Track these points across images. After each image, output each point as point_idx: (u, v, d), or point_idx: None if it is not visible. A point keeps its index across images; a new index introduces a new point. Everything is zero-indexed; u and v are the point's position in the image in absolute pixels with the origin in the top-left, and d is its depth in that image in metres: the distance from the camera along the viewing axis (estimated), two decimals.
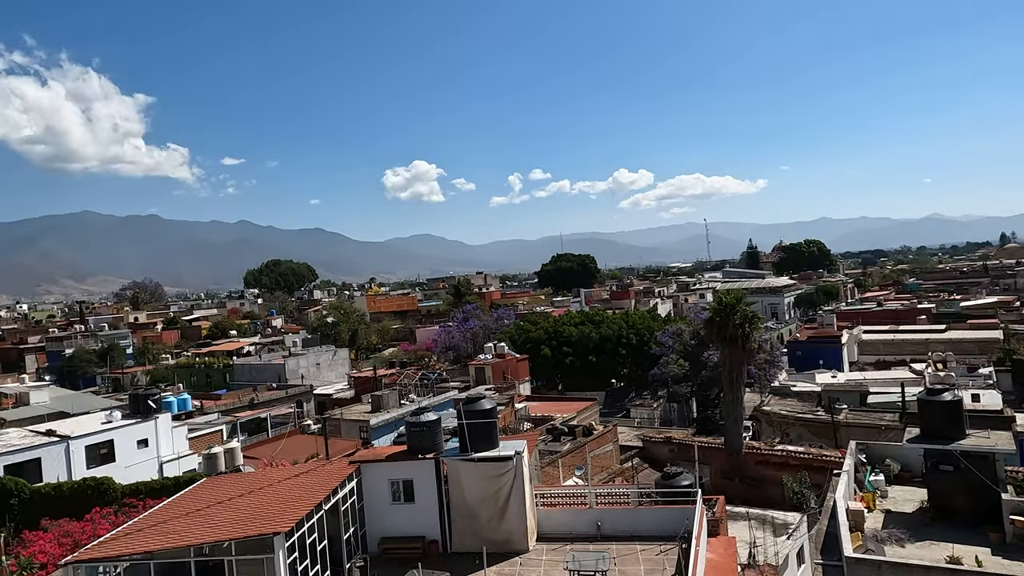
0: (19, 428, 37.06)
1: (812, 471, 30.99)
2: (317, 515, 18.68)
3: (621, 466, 36.67)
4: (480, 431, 21.05)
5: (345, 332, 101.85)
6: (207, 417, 47.53)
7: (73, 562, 17.46)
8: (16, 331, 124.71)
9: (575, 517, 21.67)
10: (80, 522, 25.09)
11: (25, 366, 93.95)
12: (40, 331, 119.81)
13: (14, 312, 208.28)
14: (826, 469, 28.44)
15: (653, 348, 61.38)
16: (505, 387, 51.46)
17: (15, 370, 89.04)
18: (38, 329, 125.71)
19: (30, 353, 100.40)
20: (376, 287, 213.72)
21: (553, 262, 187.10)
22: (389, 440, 37.86)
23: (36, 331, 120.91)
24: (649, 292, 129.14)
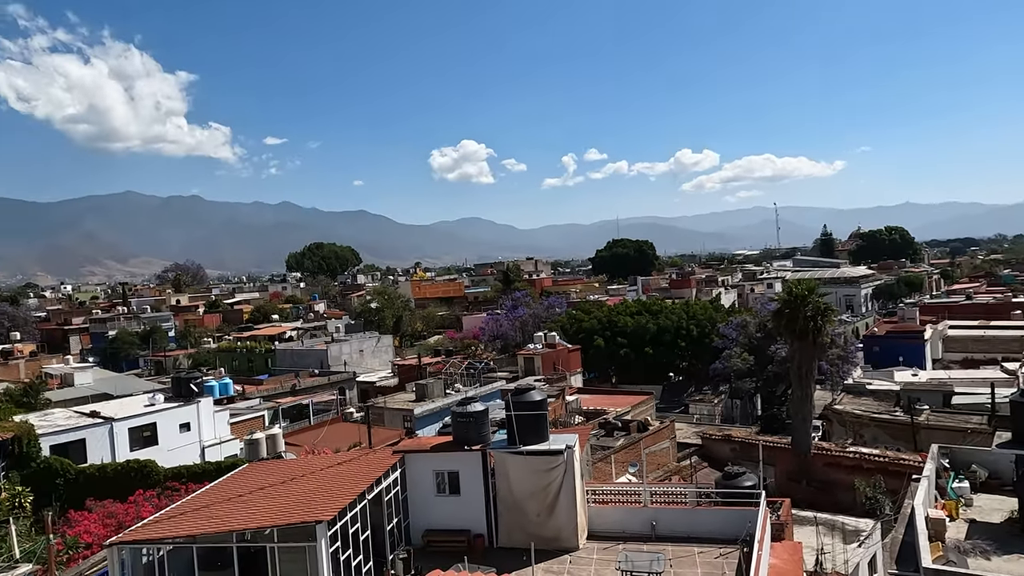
0: (64, 409, 39.10)
1: (888, 476, 30.36)
2: (360, 505, 19.16)
3: (678, 464, 36.46)
4: (529, 423, 21.20)
5: (389, 318, 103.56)
6: (249, 402, 49.19)
7: (118, 543, 18.36)
8: (61, 312, 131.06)
9: (628, 516, 21.69)
10: (124, 503, 26.45)
11: (70, 347, 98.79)
12: (84, 312, 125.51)
13: (58, 293, 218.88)
14: (903, 474, 27.87)
15: (715, 340, 60.71)
16: (556, 378, 51.59)
17: (60, 351, 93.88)
18: (82, 310, 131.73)
19: (74, 334, 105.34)
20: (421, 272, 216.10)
21: (608, 248, 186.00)
22: (434, 430, 38.52)
23: (80, 312, 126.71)
24: (712, 281, 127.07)
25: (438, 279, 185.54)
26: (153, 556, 18.69)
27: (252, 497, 19.98)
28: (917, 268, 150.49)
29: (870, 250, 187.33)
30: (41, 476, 28.53)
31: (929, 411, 38.93)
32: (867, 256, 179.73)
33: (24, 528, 23.98)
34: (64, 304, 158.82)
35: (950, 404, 40.85)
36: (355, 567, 18.57)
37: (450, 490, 21.70)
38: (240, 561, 17.75)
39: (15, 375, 70.55)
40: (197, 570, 17.93)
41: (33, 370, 72.38)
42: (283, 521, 17.57)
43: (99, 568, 21.51)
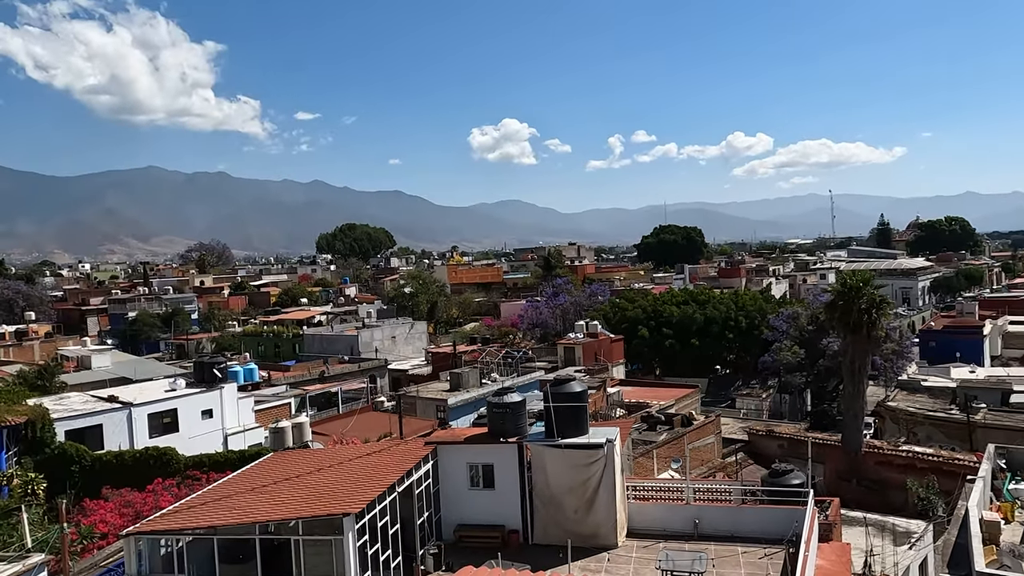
0: (81, 393, 39.95)
1: (941, 476, 30.41)
2: (390, 497, 19.37)
3: (723, 460, 36.33)
4: (569, 416, 21.22)
5: (423, 304, 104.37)
6: (274, 389, 50.03)
7: (135, 533, 18.68)
8: (78, 291, 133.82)
9: (670, 513, 21.68)
10: (142, 492, 26.94)
11: (87, 328, 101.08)
12: (103, 292, 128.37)
13: (76, 272, 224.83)
14: (958, 474, 28.03)
15: (764, 333, 60.45)
16: (597, 369, 51.60)
17: (77, 332, 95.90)
18: (101, 290, 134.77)
19: (92, 315, 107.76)
20: (458, 256, 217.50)
21: (655, 234, 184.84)
22: (468, 421, 38.79)
23: (99, 292, 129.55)
24: (762, 270, 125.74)
25: (475, 264, 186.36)
26: (172, 547, 19.05)
27: (276, 488, 20.34)
28: (977, 261, 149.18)
29: (929, 241, 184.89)
30: (55, 462, 29.10)
31: (986, 410, 38.78)
32: (925, 247, 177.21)
33: (37, 516, 24.56)
34: (82, 283, 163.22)
35: (1008, 403, 40.56)
36: (383, 562, 18.81)
37: (484, 484, 21.86)
38: (263, 554, 18.05)
39: (29, 357, 72.42)
40: (218, 563, 18.26)
41: (48, 352, 74.46)
42: (308, 513, 17.85)
43: (115, 559, 22.04)
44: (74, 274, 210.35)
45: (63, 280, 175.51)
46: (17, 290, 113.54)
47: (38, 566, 17.29)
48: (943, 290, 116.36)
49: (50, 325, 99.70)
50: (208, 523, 18.41)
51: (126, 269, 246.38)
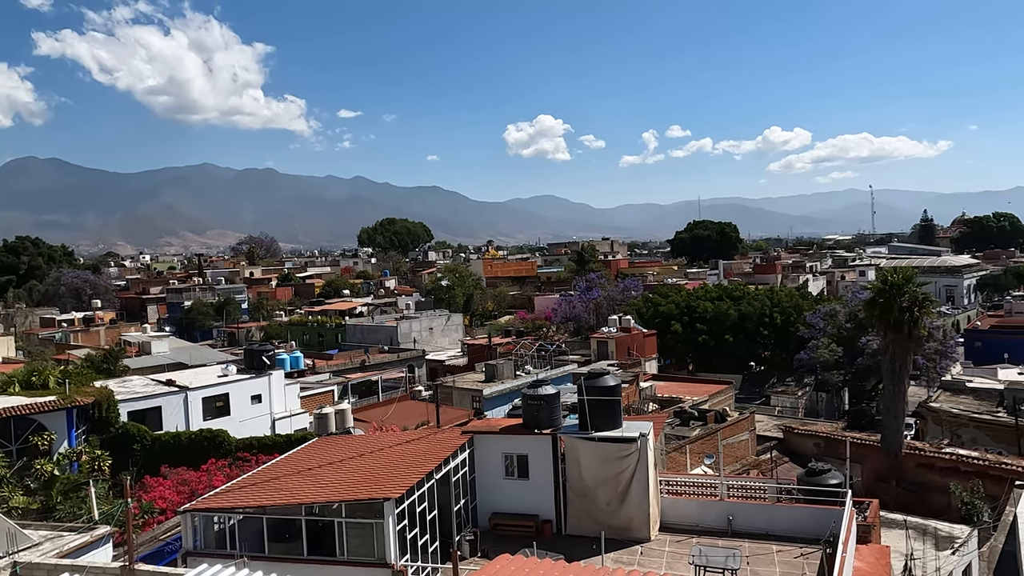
0: (142, 376, 41.12)
1: (987, 480, 29.21)
2: (428, 484, 19.55)
3: (757, 458, 35.78)
4: (602, 409, 21.12)
5: (460, 296, 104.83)
6: (318, 376, 50.77)
7: (191, 510, 19.39)
8: (139, 281, 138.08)
9: (703, 509, 21.44)
10: (196, 472, 27.73)
11: (147, 316, 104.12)
12: (161, 282, 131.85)
13: (137, 262, 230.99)
14: (1005, 479, 27.03)
15: (801, 330, 59.38)
16: (630, 364, 51.22)
17: (138, 319, 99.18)
18: (159, 280, 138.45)
19: (152, 303, 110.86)
20: (493, 250, 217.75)
21: (689, 229, 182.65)
22: (502, 412, 38.84)
23: (157, 282, 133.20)
24: (799, 267, 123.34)
25: (510, 258, 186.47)
26: (224, 524, 19.60)
27: (321, 471, 20.67)
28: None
29: (975, 238, 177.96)
30: (119, 441, 30.00)
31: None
32: (972, 244, 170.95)
33: (103, 491, 25.45)
34: (143, 274, 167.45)
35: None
36: (421, 546, 18.99)
37: (519, 474, 21.89)
38: (308, 534, 18.42)
39: (96, 342, 74.92)
40: (267, 540, 18.71)
41: (113, 337, 76.78)
42: (351, 496, 18.12)
43: (173, 533, 22.70)
44: (135, 265, 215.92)
45: (126, 270, 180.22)
46: (85, 279, 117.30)
47: (104, 537, 17.91)
48: (990, 289, 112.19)
49: (114, 312, 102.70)
50: (258, 503, 18.89)
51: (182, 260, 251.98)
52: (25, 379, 32.77)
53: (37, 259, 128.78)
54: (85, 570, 13.52)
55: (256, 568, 12.90)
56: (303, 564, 17.70)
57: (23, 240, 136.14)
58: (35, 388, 31.45)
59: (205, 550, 19.00)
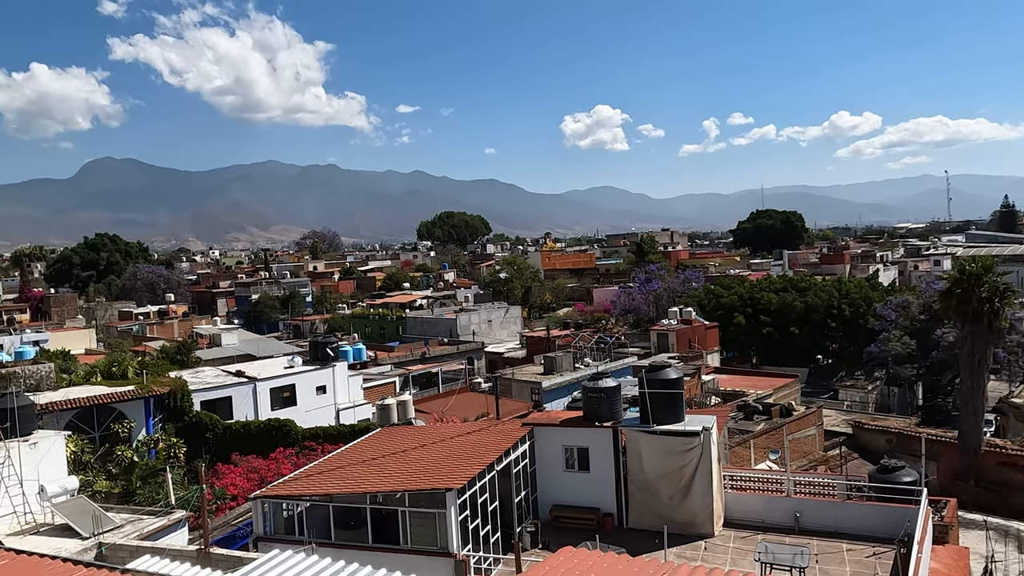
0: (213, 368, 42.64)
1: None
2: (489, 475, 19.70)
3: (825, 453, 34.87)
4: (664, 402, 20.89)
5: (518, 289, 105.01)
6: (380, 368, 51.70)
7: (261, 497, 20.04)
8: (209, 275, 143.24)
9: (769, 505, 20.99)
10: (265, 460, 28.64)
11: (217, 309, 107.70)
12: (230, 276, 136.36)
13: (207, 257, 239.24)
14: None
15: (871, 322, 57.60)
16: (691, 356, 50.53)
17: (208, 312, 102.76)
18: (228, 274, 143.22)
19: (221, 297, 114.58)
20: (551, 242, 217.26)
21: (752, 219, 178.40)
22: (561, 404, 38.86)
23: (226, 276, 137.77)
24: (869, 256, 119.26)
25: (568, 250, 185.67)
26: (293, 511, 20.17)
27: (384, 461, 21.05)
28: None
29: None
30: (193, 429, 31.21)
31: None
32: None
33: (178, 477, 26.58)
34: (212, 268, 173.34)
35: None
36: (483, 536, 19.16)
37: (579, 466, 21.86)
38: (373, 522, 18.80)
39: (170, 334, 78.01)
40: (333, 527, 19.18)
41: (186, 330, 79.78)
42: (414, 486, 18.40)
43: (244, 519, 23.51)
44: (205, 260, 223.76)
45: (196, 265, 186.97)
46: (159, 274, 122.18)
47: (180, 521, 18.72)
48: None
49: (186, 306, 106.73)
50: (324, 491, 19.37)
51: (249, 255, 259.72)
52: (106, 369, 34.41)
53: (115, 255, 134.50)
54: (164, 552, 14.08)
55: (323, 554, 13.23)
56: (368, 552, 18.04)
57: (102, 237, 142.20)
58: (115, 378, 32.99)
59: (275, 535, 19.60)
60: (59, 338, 62.85)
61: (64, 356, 43.18)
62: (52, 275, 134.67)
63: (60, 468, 20.28)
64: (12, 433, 19.57)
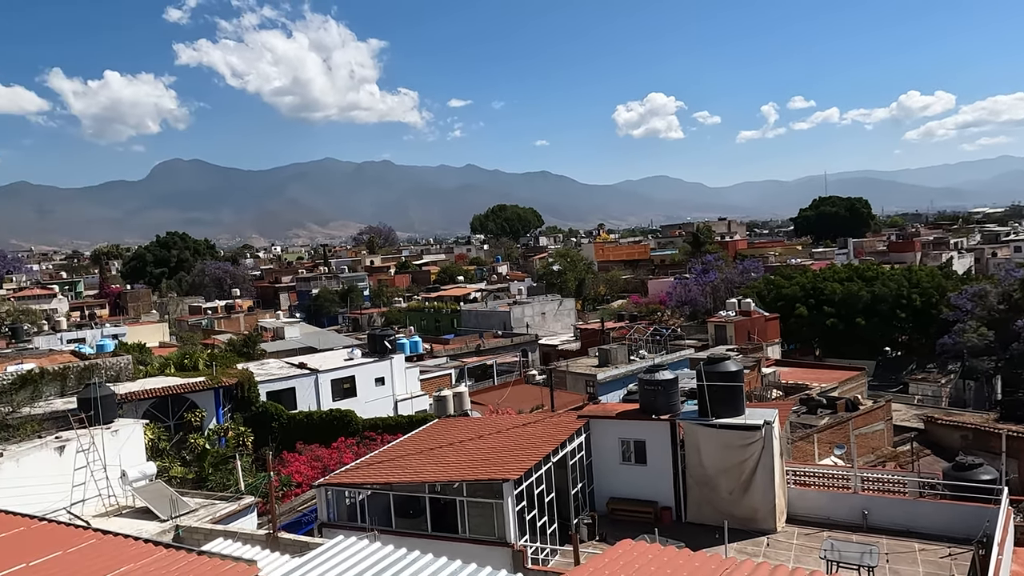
0: (277, 360, 43.88)
1: None
2: (546, 467, 19.75)
3: (894, 449, 33.74)
4: (723, 395, 20.54)
5: (571, 281, 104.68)
6: (436, 360, 52.24)
7: (325, 484, 20.55)
8: (272, 271, 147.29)
9: (834, 501, 20.46)
10: (327, 449, 29.37)
11: (279, 303, 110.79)
12: (291, 271, 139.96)
13: (270, 254, 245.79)
14: None
15: (944, 312, 55.59)
16: (750, 349, 49.55)
17: (272, 306, 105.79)
18: (289, 269, 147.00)
19: (283, 292, 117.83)
20: (605, 234, 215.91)
21: (814, 207, 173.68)
22: (616, 397, 38.58)
23: (288, 271, 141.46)
24: (941, 243, 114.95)
25: (622, 241, 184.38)
26: (354, 499, 20.63)
27: (442, 451, 21.30)
28: None
29: None
30: (259, 419, 32.25)
31: None
32: None
33: (246, 464, 27.51)
34: (274, 264, 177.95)
35: None
36: (540, 528, 19.22)
37: (636, 459, 21.71)
38: (431, 511, 19.07)
39: (236, 327, 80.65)
40: (393, 515, 19.53)
41: (251, 323, 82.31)
42: (471, 477, 18.57)
43: (308, 505, 24.16)
44: (268, 256, 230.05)
45: (260, 261, 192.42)
46: (226, 270, 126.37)
47: (250, 507, 19.42)
48: None
49: (251, 300, 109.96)
50: (385, 480, 19.75)
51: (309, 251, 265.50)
52: (179, 361, 35.88)
53: (185, 253, 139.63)
54: (236, 536, 14.58)
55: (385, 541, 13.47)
56: (427, 540, 18.30)
57: (173, 236, 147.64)
58: (187, 370, 34.35)
59: (338, 522, 20.08)
60: (135, 332, 65.91)
61: (140, 349, 45.00)
62: (128, 272, 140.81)
63: (139, 454, 21.43)
64: (96, 421, 20.73)
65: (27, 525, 12.39)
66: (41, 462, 19.05)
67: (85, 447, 19.57)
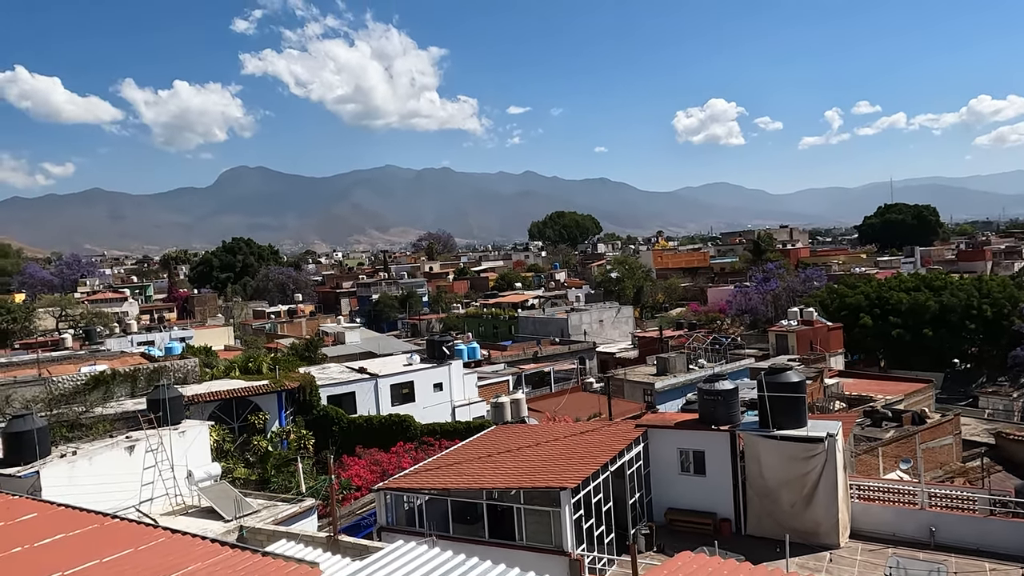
0: (338, 364, 44.73)
1: None
2: (603, 475, 19.65)
3: (963, 465, 32.42)
4: (785, 406, 20.13)
5: (629, 289, 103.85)
6: (494, 367, 52.52)
7: (384, 488, 20.86)
8: (334, 276, 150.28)
9: (900, 517, 19.82)
10: (386, 453, 29.75)
11: (340, 308, 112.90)
12: (352, 277, 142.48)
13: (332, 259, 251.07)
14: None
15: (1016, 323, 53.35)
16: (813, 359, 48.29)
17: (333, 311, 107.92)
18: (350, 275, 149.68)
19: (344, 297, 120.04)
20: (663, 241, 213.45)
21: (879, 214, 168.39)
22: (675, 406, 38.14)
23: (349, 277, 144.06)
24: (1014, 252, 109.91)
25: (681, 248, 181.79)
26: (413, 503, 20.88)
27: (500, 458, 21.39)
28: None
29: None
30: (320, 422, 32.82)
31: None
32: None
33: (307, 467, 28.07)
34: (336, 269, 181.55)
35: None
36: (597, 536, 19.14)
37: (695, 470, 21.44)
38: (489, 517, 19.17)
39: (299, 332, 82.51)
40: (451, 521, 19.70)
41: (313, 328, 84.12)
42: (529, 484, 18.60)
43: (367, 509, 24.56)
44: (330, 261, 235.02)
45: (322, 267, 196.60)
46: (289, 275, 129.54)
47: (311, 509, 19.83)
48: None
49: (313, 305, 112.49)
50: (443, 485, 19.92)
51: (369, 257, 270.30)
52: (243, 365, 36.82)
53: (250, 258, 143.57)
54: (298, 537, 14.92)
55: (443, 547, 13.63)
56: (485, 546, 18.40)
57: (238, 241, 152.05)
58: (251, 373, 35.22)
59: (396, 526, 20.36)
60: (202, 335, 67.71)
61: (206, 352, 46.39)
62: (195, 277, 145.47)
63: (205, 455, 21.94)
64: (164, 422, 21.39)
65: (100, 522, 12.73)
66: (112, 461, 19.58)
67: (154, 447, 20.11)
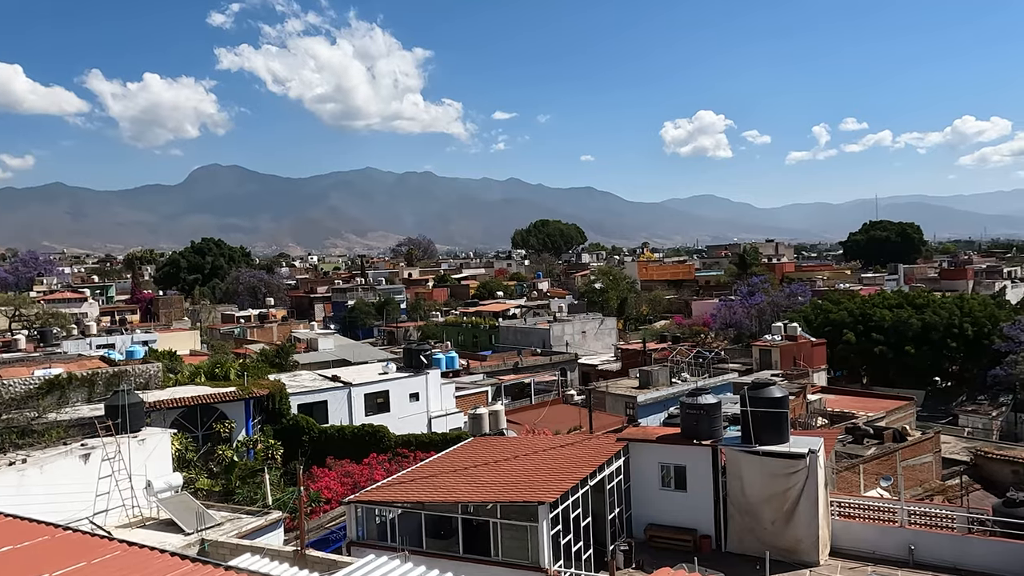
0: (310, 371, 44.18)
1: None
2: (582, 490, 19.61)
3: (943, 483, 32.85)
4: (768, 421, 20.25)
5: (613, 300, 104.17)
6: (472, 377, 52.30)
7: (355, 501, 20.62)
8: (308, 281, 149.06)
9: (880, 535, 20.04)
10: (359, 464, 29.37)
11: (314, 314, 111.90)
12: (327, 282, 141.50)
13: (306, 263, 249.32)
14: None
15: (996, 342, 54.24)
16: (796, 374, 48.74)
17: (306, 317, 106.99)
18: (325, 280, 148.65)
19: (319, 302, 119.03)
20: (649, 252, 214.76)
21: (864, 231, 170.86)
22: (657, 420, 38.22)
23: (324, 282, 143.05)
24: (994, 272, 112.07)
25: (667, 260, 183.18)
26: (385, 517, 20.64)
27: (476, 471, 21.27)
28: None
29: None
30: (290, 432, 32.15)
31: None
32: None
33: (275, 478, 27.56)
34: (310, 274, 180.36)
35: None
36: (575, 553, 19.06)
37: (676, 485, 21.47)
38: (464, 532, 19.02)
39: (269, 337, 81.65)
40: (424, 535, 19.52)
41: (284, 333, 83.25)
42: (506, 498, 18.51)
43: (337, 522, 24.25)
44: (304, 265, 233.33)
45: (295, 270, 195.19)
46: (260, 278, 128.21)
47: (277, 522, 19.42)
48: None
49: (285, 310, 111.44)
50: (417, 498, 19.75)
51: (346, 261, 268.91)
52: (210, 370, 36.23)
53: (219, 259, 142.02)
54: (263, 551, 14.66)
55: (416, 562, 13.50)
56: (459, 562, 18.27)
57: (208, 242, 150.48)
58: (218, 379, 34.66)
59: (368, 540, 20.14)
60: (166, 339, 66.50)
61: (171, 356, 45.67)
62: (161, 278, 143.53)
63: (166, 465, 21.27)
64: (123, 429, 20.57)
65: (51, 534, 12.31)
66: (65, 469, 18.92)
67: (111, 455, 19.43)
